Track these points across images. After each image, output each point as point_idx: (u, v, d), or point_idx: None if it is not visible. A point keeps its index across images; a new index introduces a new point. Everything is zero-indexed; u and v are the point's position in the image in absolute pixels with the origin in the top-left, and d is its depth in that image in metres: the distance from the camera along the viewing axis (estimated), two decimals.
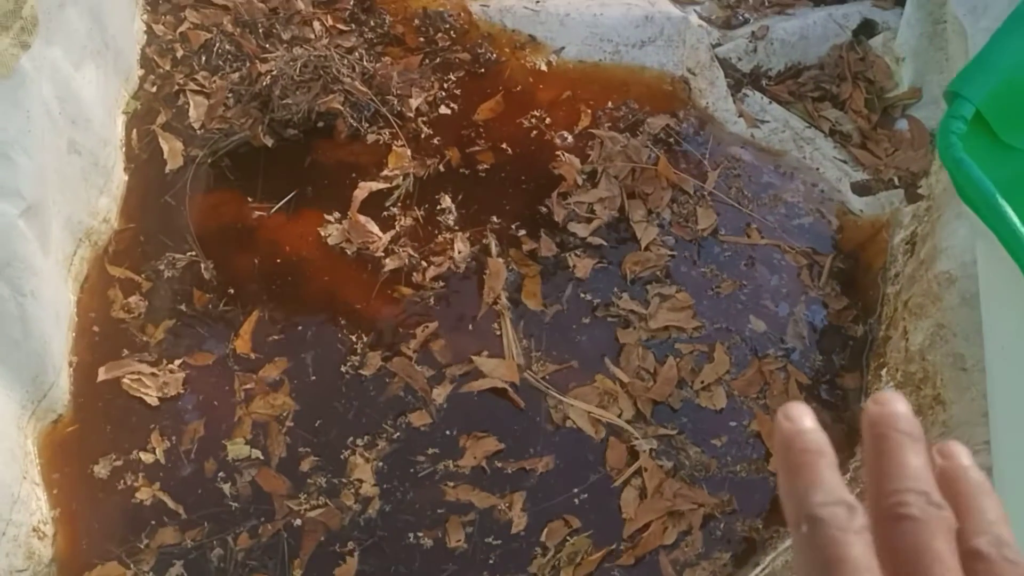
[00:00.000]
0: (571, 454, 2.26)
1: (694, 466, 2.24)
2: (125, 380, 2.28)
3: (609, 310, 2.45)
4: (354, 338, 2.35)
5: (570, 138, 2.73)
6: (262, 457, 2.19)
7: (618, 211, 2.61)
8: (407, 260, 2.47)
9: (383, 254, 2.49)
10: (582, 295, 2.47)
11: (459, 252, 2.47)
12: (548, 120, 2.77)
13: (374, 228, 2.53)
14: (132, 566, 2.06)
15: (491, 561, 2.13)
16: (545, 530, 2.17)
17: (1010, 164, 1.44)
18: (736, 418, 2.33)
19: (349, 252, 2.50)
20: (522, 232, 2.56)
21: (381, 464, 2.20)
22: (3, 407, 2.07)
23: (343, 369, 2.31)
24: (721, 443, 2.29)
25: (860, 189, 2.64)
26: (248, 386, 2.27)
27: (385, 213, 2.58)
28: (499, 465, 2.23)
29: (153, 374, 2.29)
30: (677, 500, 2.18)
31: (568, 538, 2.16)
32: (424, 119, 2.73)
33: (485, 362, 2.33)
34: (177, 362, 2.31)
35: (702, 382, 2.35)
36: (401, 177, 2.60)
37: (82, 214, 2.39)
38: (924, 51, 2.75)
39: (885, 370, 2.34)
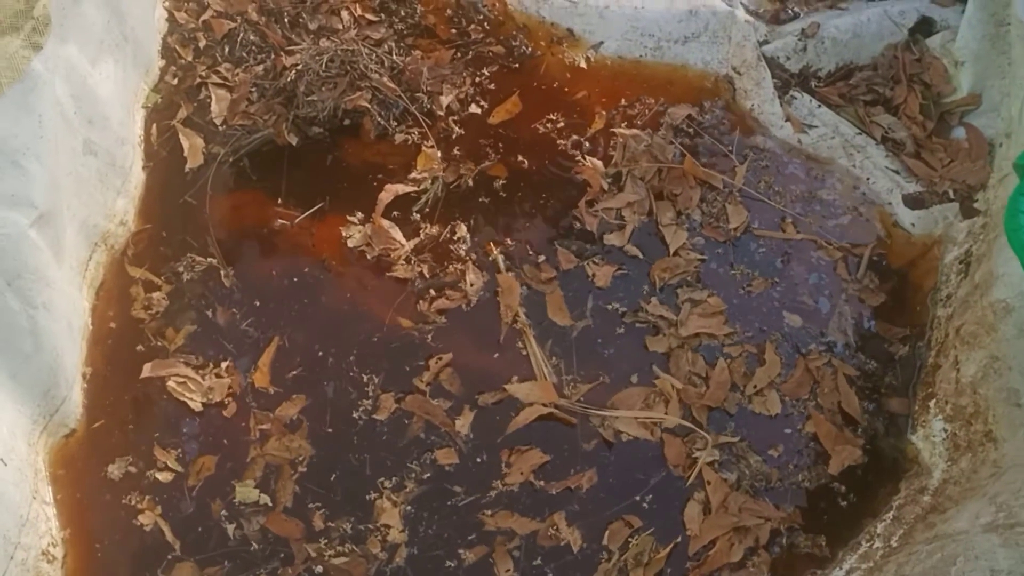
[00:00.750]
0: (625, 463, 2.20)
1: (754, 476, 2.18)
2: (170, 382, 2.22)
3: (637, 316, 2.37)
4: (365, 379, 2.25)
5: (587, 143, 2.63)
6: (270, 504, 2.10)
7: (647, 214, 2.51)
8: (422, 278, 2.38)
9: (404, 263, 2.40)
10: (607, 305, 2.38)
11: (471, 284, 2.36)
12: (572, 121, 2.66)
13: (397, 235, 2.43)
14: None
15: None
16: (606, 533, 2.12)
17: None
18: (791, 424, 2.27)
19: (369, 256, 2.41)
20: (537, 248, 2.47)
21: (409, 508, 2.12)
22: (13, 423, 2.01)
23: (355, 415, 2.21)
24: (779, 452, 2.23)
25: (912, 202, 2.51)
26: (264, 426, 2.19)
27: (412, 216, 2.49)
28: (542, 484, 2.16)
29: (197, 380, 2.22)
30: (743, 515, 2.12)
31: (630, 539, 2.10)
32: (455, 118, 2.61)
33: (519, 388, 2.25)
34: (224, 364, 2.25)
35: (755, 387, 2.29)
36: (430, 180, 2.50)
37: (98, 217, 2.31)
38: (985, 54, 2.59)
39: (934, 401, 2.22)
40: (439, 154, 2.54)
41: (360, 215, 2.46)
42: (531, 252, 2.44)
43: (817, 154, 2.61)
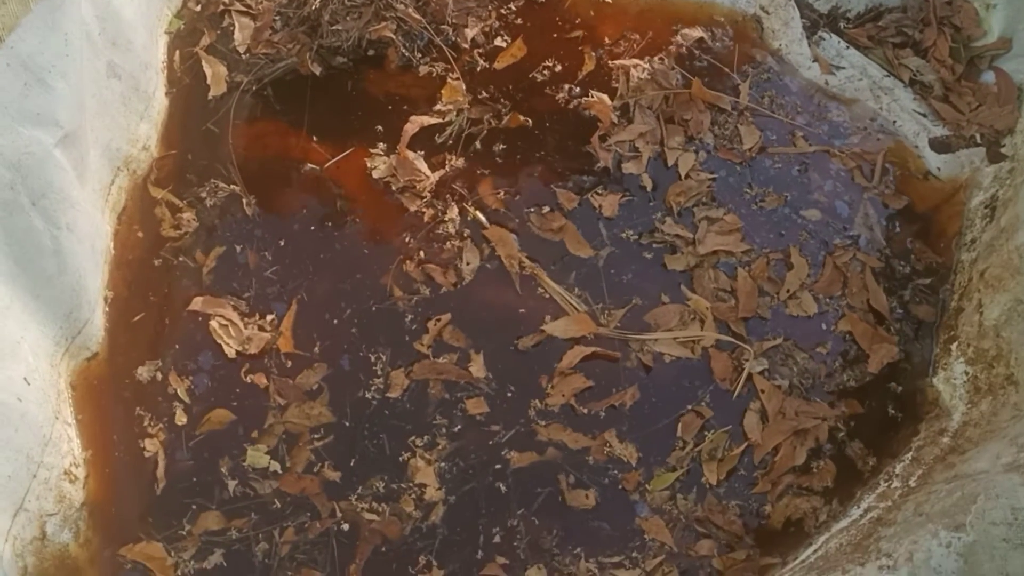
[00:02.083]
0: (671, 382, 2.23)
1: (802, 373, 2.23)
2: (213, 323, 2.22)
3: (654, 237, 2.38)
4: (374, 358, 2.23)
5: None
6: (279, 471, 2.09)
7: (659, 143, 2.50)
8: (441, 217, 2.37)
9: (428, 195, 2.38)
10: (621, 233, 2.39)
11: (468, 263, 2.33)
12: (574, 63, 2.63)
13: (422, 166, 2.41)
14: (173, 553, 2.01)
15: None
16: (679, 424, 2.16)
17: None
18: (828, 322, 2.31)
19: (394, 187, 2.40)
20: (541, 198, 2.44)
21: (443, 464, 2.12)
22: (37, 344, 2.01)
23: (369, 390, 2.19)
24: (826, 350, 2.28)
25: (939, 146, 2.49)
26: (285, 393, 2.17)
27: (437, 147, 2.48)
28: (584, 411, 2.18)
29: (239, 327, 2.22)
30: (800, 418, 2.18)
31: (706, 432, 2.16)
32: (480, 51, 2.58)
33: (555, 326, 2.25)
34: (269, 317, 2.24)
35: (788, 290, 2.32)
36: (455, 113, 2.48)
37: (121, 141, 2.30)
38: None
39: (956, 344, 2.22)
40: (464, 86, 2.52)
41: (383, 145, 2.44)
42: (536, 203, 2.42)
43: (844, 95, 2.59)
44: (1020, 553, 1.64)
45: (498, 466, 2.11)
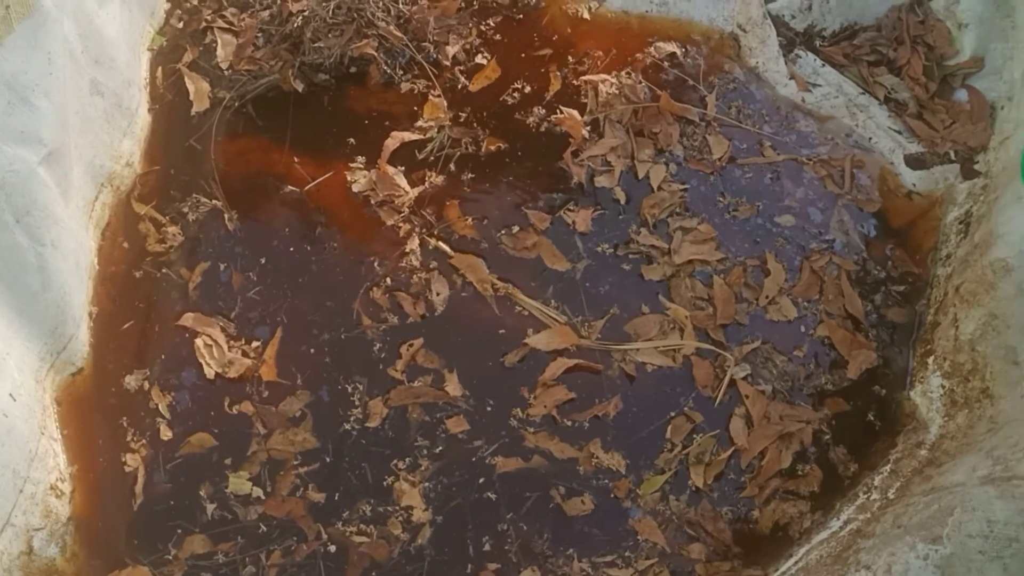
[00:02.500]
0: (654, 391, 2.25)
1: (781, 376, 2.27)
2: (197, 342, 2.22)
3: (630, 248, 2.41)
4: (350, 388, 2.23)
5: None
6: (262, 496, 2.10)
7: (630, 157, 2.53)
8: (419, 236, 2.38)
9: (407, 210, 2.40)
10: (596, 247, 2.41)
11: (437, 294, 2.33)
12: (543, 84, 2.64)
13: (402, 181, 2.44)
14: None
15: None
16: (669, 427, 2.20)
17: None
18: (808, 326, 2.35)
19: (373, 201, 2.41)
20: (512, 219, 2.45)
21: (428, 484, 2.13)
22: (22, 360, 2.02)
23: (347, 427, 2.19)
24: (803, 353, 2.32)
25: (914, 162, 2.53)
26: (268, 421, 2.18)
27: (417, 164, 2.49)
28: (566, 423, 2.21)
29: (223, 349, 2.22)
30: (785, 421, 2.21)
31: (695, 435, 2.19)
32: (461, 68, 2.61)
33: (537, 339, 2.28)
34: (254, 344, 2.24)
35: (767, 296, 2.36)
36: (436, 129, 2.50)
37: (104, 158, 2.30)
38: (989, 17, 2.60)
39: (932, 358, 2.25)
40: (445, 103, 2.54)
41: (362, 158, 2.46)
42: (507, 224, 2.43)
43: (820, 112, 2.62)
44: (996, 565, 1.67)
45: (482, 479, 2.13)
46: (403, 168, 2.46)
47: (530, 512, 2.11)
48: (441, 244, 2.37)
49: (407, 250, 2.35)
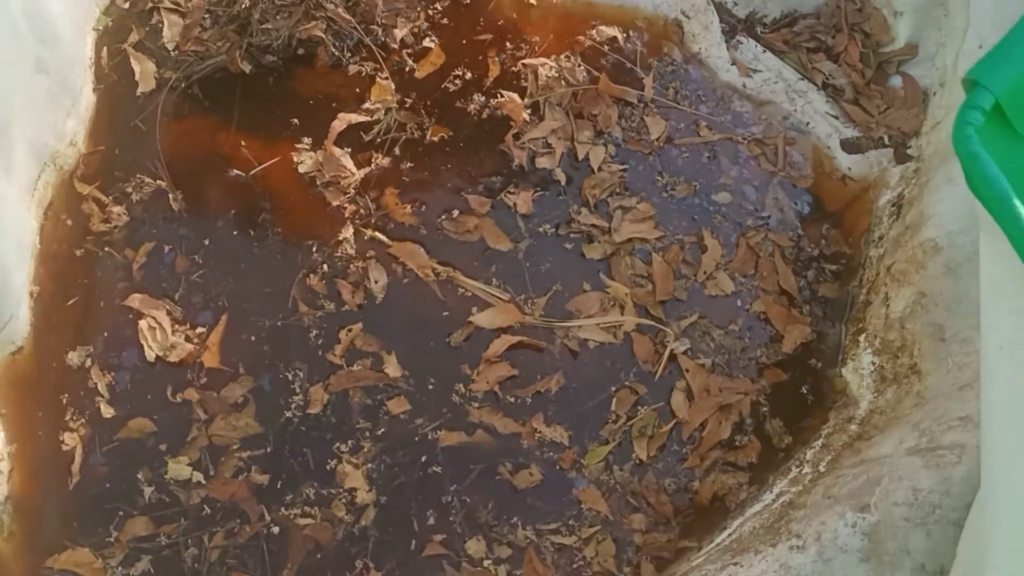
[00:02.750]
0: (596, 367, 2.30)
1: (718, 350, 2.33)
2: (141, 324, 2.23)
3: (571, 227, 2.45)
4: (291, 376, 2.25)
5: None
6: (203, 481, 2.11)
7: (571, 139, 2.57)
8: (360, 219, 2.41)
9: (352, 191, 2.43)
10: (539, 228, 2.45)
11: (376, 282, 2.35)
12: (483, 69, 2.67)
13: (348, 163, 2.46)
14: (100, 560, 2.02)
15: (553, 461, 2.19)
16: (613, 400, 2.25)
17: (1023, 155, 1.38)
18: (744, 300, 2.42)
19: (319, 182, 2.43)
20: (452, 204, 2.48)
21: (371, 466, 2.16)
22: None
23: (288, 415, 2.20)
24: (738, 327, 2.38)
25: (850, 146, 2.59)
26: (209, 406, 2.19)
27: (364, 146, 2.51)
28: (509, 400, 2.25)
29: (166, 332, 2.23)
30: (724, 393, 2.28)
31: (639, 407, 2.25)
32: (408, 51, 2.63)
33: (481, 317, 2.31)
34: (198, 330, 2.25)
35: (704, 272, 2.42)
36: (383, 111, 2.52)
37: (48, 137, 2.30)
38: (923, 6, 2.67)
39: (864, 336, 2.32)
40: (393, 86, 2.56)
41: (310, 141, 2.48)
42: (447, 209, 2.46)
43: (760, 97, 2.68)
44: (920, 531, 1.73)
45: (425, 457, 2.16)
46: (349, 150, 2.48)
47: (474, 484, 2.15)
48: (378, 234, 2.39)
49: (341, 238, 2.36)
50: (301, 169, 2.43)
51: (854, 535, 1.77)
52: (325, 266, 2.34)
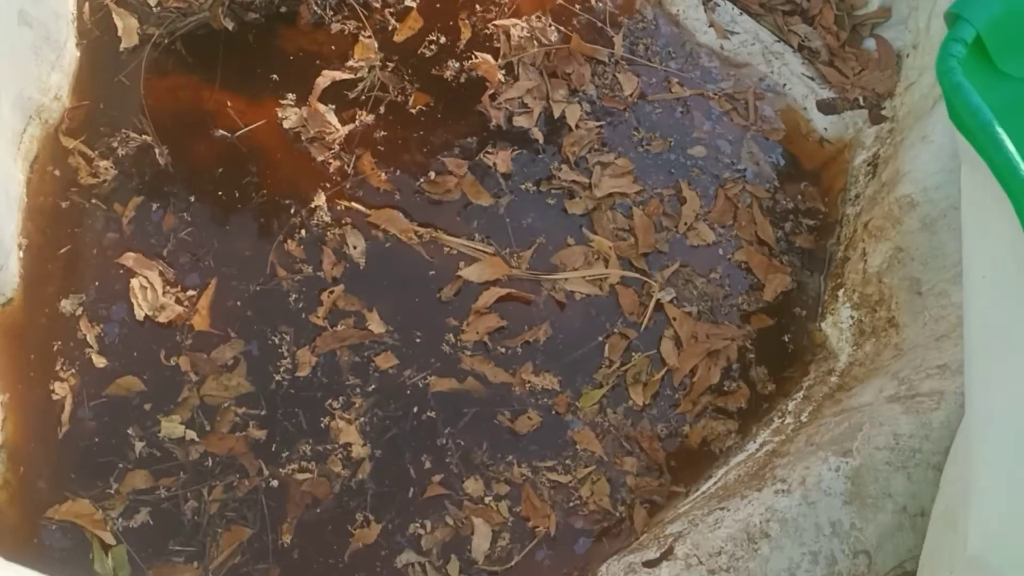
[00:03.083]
0: (583, 318, 2.35)
1: (702, 297, 2.39)
2: (133, 282, 2.22)
3: (552, 184, 2.49)
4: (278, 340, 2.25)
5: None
6: (196, 439, 2.11)
7: (546, 98, 2.61)
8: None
9: (337, 147, 2.44)
10: (520, 185, 2.49)
11: (355, 248, 2.35)
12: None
13: (333, 119, 2.47)
14: (100, 511, 2.02)
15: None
16: (607, 345, 2.31)
17: (1003, 92, 1.44)
18: (725, 250, 2.49)
19: (304, 137, 2.44)
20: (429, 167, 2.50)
21: (364, 420, 2.17)
22: None
23: (278, 378, 2.21)
24: (719, 274, 2.45)
25: (825, 107, 2.65)
26: (200, 367, 2.19)
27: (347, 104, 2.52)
28: (499, 350, 2.29)
29: (156, 292, 2.22)
30: (711, 340, 2.34)
31: (633, 353, 2.31)
32: (391, 10, 2.63)
33: (469, 271, 2.34)
34: (189, 293, 2.24)
35: (685, 223, 2.47)
36: (367, 69, 2.53)
37: (32, 90, 2.28)
38: None
39: (842, 291, 2.38)
40: (376, 44, 2.57)
41: (294, 97, 2.49)
42: (426, 172, 2.48)
43: (737, 59, 2.73)
44: (901, 475, 1.80)
45: (417, 407, 2.19)
46: (333, 107, 2.49)
47: (468, 427, 2.19)
48: (354, 204, 2.40)
49: (314, 206, 2.37)
50: (286, 125, 2.44)
51: (837, 479, 1.83)
52: (303, 231, 2.34)
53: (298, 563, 2.04)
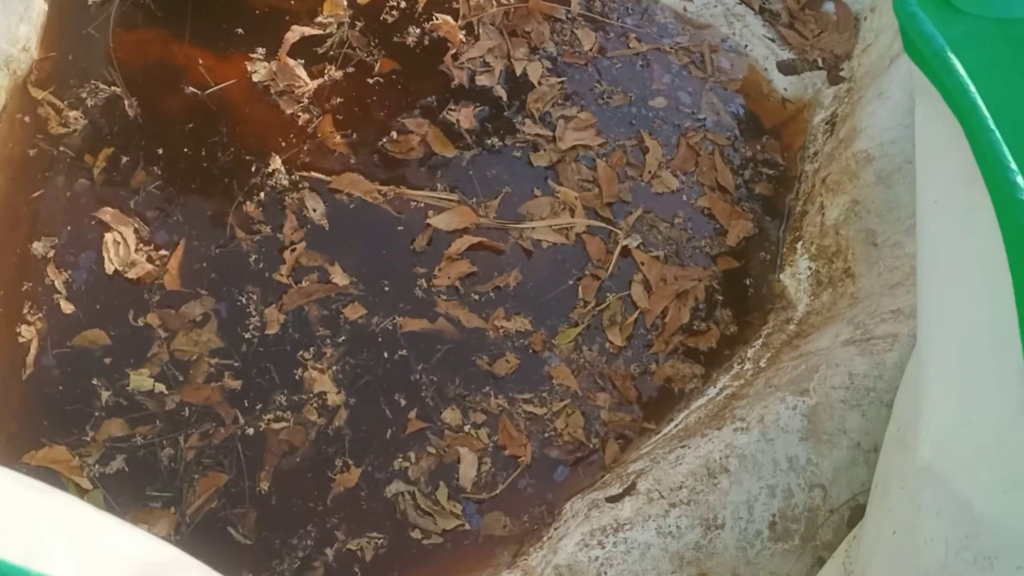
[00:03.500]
0: (551, 264, 2.40)
1: (667, 240, 2.46)
2: (107, 236, 2.23)
3: (516, 138, 2.54)
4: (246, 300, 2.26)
5: None
6: (166, 392, 2.12)
7: (507, 57, 2.66)
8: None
9: (306, 100, 2.47)
10: (486, 140, 2.53)
11: (314, 210, 2.36)
12: None
13: (302, 73, 2.49)
14: (77, 458, 2.04)
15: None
16: (579, 287, 2.37)
17: (957, 26, 1.50)
18: (689, 196, 2.55)
19: (273, 91, 2.47)
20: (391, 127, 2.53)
21: (336, 368, 2.20)
22: None
23: (248, 336, 2.22)
24: (682, 219, 2.51)
25: (786, 68, 2.71)
26: (169, 323, 2.20)
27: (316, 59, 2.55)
28: (472, 296, 2.33)
29: (128, 248, 2.23)
30: (680, 281, 2.41)
31: (608, 294, 2.37)
32: None
33: (439, 219, 2.38)
34: (161, 253, 2.25)
35: (649, 172, 2.54)
36: (335, 25, 2.55)
37: (1, 41, 2.29)
38: None
39: (800, 243, 2.44)
40: (345, 1, 2.59)
41: (263, 50, 2.51)
42: (387, 132, 2.50)
43: (700, 20, 2.78)
44: (856, 412, 1.87)
45: (387, 353, 2.22)
46: (303, 61, 2.51)
47: (440, 363, 2.23)
48: (314, 173, 2.41)
49: (271, 170, 2.38)
50: (255, 78, 2.46)
51: (794, 416, 1.90)
52: (262, 193, 2.36)
53: (277, 508, 2.07)
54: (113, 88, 2.39)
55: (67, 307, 2.16)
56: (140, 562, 0.91)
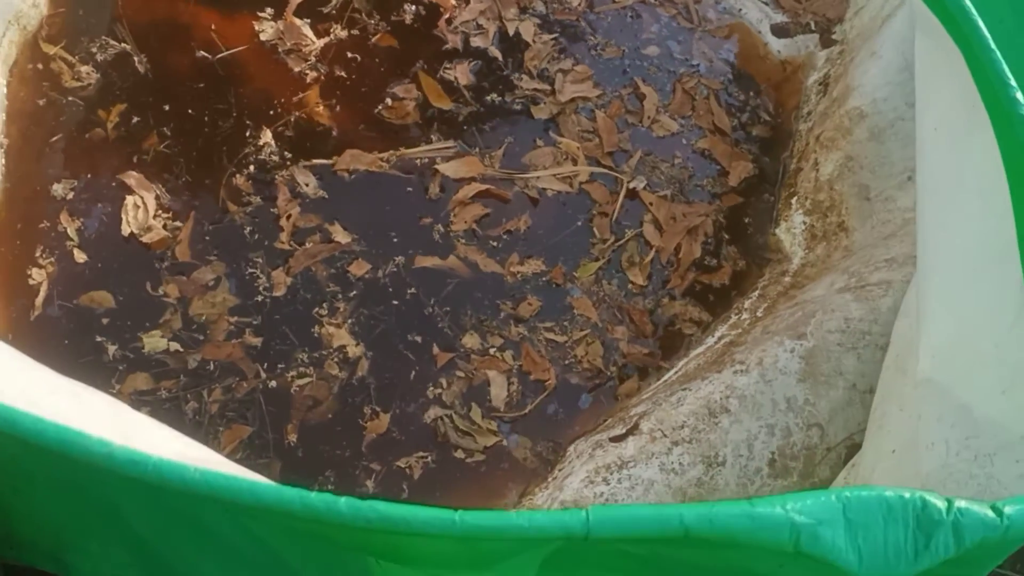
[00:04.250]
0: (557, 209, 2.46)
1: (669, 181, 2.52)
2: (128, 199, 2.25)
3: (515, 94, 2.60)
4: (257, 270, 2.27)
5: None
6: (182, 350, 2.13)
7: (498, 18, 2.72)
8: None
9: (313, 59, 2.52)
10: (485, 97, 2.59)
11: (307, 185, 2.38)
12: None
13: (308, 32, 2.54)
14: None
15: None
16: (593, 227, 2.43)
17: None
18: (688, 139, 2.63)
19: (281, 49, 2.52)
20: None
21: (352, 320, 2.23)
22: None
23: (259, 299, 2.23)
24: (682, 160, 2.58)
25: (779, 31, 2.77)
26: (183, 288, 2.21)
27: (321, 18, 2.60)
28: (487, 236, 2.38)
29: (147, 213, 2.25)
30: (688, 218, 2.48)
31: (627, 229, 2.44)
32: None
33: (447, 166, 2.43)
34: (176, 223, 2.26)
35: (648, 117, 2.61)
36: None
37: None
38: None
39: (795, 198, 2.50)
40: None
41: (271, 11, 2.56)
42: (381, 99, 2.54)
43: None
44: (852, 355, 1.93)
45: (396, 300, 2.26)
46: (309, 21, 2.56)
47: (451, 295, 2.28)
48: (315, 160, 2.41)
49: (261, 143, 2.40)
50: (263, 37, 2.50)
51: (792, 359, 1.96)
52: (252, 166, 2.37)
53: (305, 458, 2.09)
54: (123, 44, 2.42)
55: (80, 256, 2.18)
56: (177, 454, 0.96)
